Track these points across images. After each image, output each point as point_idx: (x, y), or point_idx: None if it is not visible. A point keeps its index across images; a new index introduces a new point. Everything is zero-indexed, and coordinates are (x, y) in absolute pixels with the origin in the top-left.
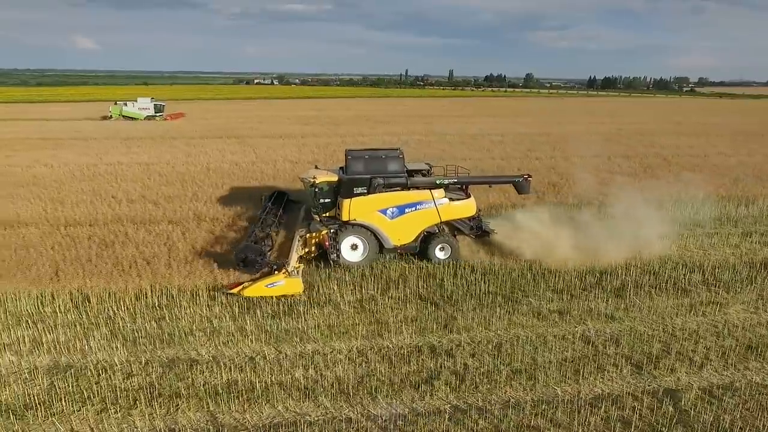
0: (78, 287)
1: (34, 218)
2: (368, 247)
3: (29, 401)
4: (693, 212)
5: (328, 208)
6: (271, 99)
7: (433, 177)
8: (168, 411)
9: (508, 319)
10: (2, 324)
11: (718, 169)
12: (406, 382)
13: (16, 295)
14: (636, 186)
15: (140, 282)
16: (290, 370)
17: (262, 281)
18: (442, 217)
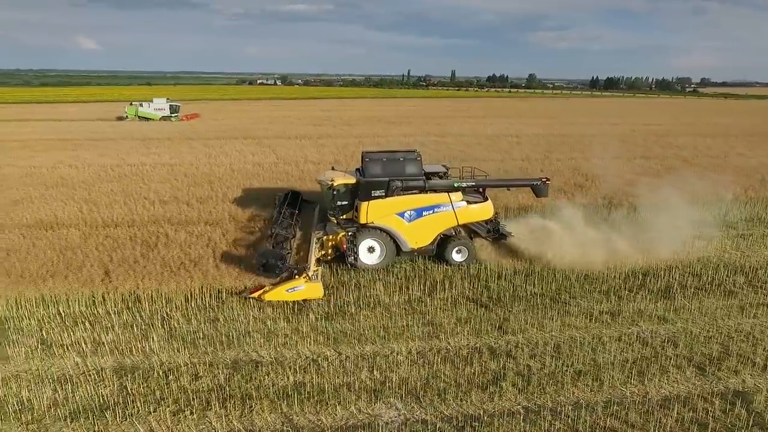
0: (130, 288)
1: (72, 219)
2: (385, 250)
3: (104, 402)
4: (723, 213)
5: (345, 210)
6: (276, 99)
7: (451, 180)
8: (242, 413)
9: (560, 321)
10: (60, 325)
11: (741, 169)
12: (472, 383)
13: (69, 296)
14: (662, 187)
15: (191, 283)
16: (354, 371)
17: (283, 286)
18: (459, 220)
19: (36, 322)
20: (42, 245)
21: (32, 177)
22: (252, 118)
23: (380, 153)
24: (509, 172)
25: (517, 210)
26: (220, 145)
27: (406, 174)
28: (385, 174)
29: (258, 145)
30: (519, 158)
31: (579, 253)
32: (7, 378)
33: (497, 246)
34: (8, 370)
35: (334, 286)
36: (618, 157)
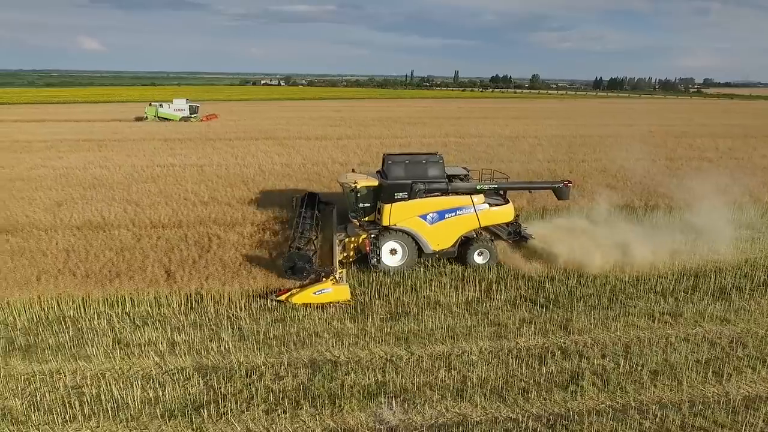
0: (195, 288)
1: (119, 220)
2: (407, 252)
3: (195, 401)
4: (760, 214)
5: (367, 212)
6: (284, 100)
7: (473, 183)
8: (332, 411)
9: (623, 321)
10: (130, 325)
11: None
12: (551, 382)
13: (133, 296)
14: (695, 188)
15: (253, 283)
16: (431, 371)
17: (310, 288)
18: (481, 222)
19: (106, 322)
20: (98, 246)
21: (67, 178)
22: (266, 119)
23: (402, 155)
24: (537, 173)
25: (555, 210)
26: (243, 146)
27: (428, 176)
28: (408, 176)
29: (281, 146)
30: (544, 160)
31: (622, 254)
32: (94, 377)
33: (517, 247)
34: (92, 369)
35: (376, 287)
36: (642, 158)
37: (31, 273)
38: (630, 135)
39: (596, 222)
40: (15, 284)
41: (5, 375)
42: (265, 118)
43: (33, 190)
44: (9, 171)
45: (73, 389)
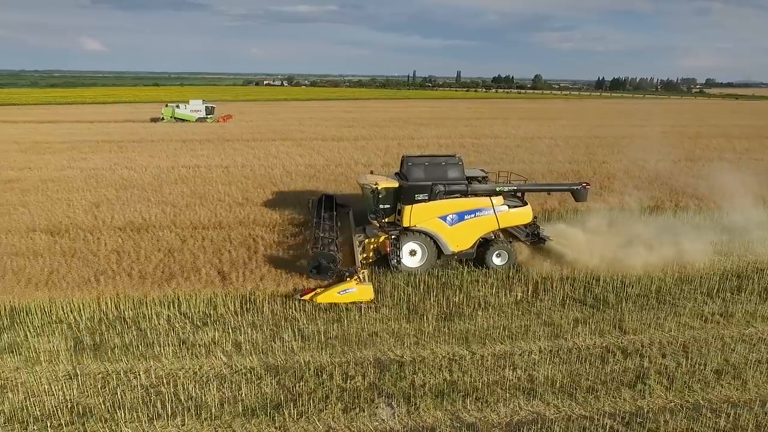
0: (251, 289)
1: (160, 221)
2: (427, 253)
3: (272, 399)
4: None
5: (387, 213)
6: (291, 101)
7: (493, 184)
8: (408, 410)
9: (676, 321)
10: (191, 325)
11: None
12: (617, 381)
13: (189, 297)
14: (721, 188)
15: (306, 284)
16: (495, 370)
17: (335, 288)
18: (500, 224)
19: (165, 322)
20: (147, 247)
21: (96, 179)
22: (278, 120)
23: (422, 157)
24: (562, 174)
25: (586, 210)
26: (262, 147)
27: (448, 178)
28: (428, 178)
29: (300, 147)
30: (564, 161)
31: (671, 254)
32: (167, 376)
33: (537, 250)
34: (164, 369)
35: (424, 288)
36: (662, 159)
37: (87, 273)
38: (644, 136)
39: (630, 223)
40: (74, 284)
41: (81, 374)
42: (278, 119)
43: (67, 192)
44: (39, 172)
45: (150, 388)
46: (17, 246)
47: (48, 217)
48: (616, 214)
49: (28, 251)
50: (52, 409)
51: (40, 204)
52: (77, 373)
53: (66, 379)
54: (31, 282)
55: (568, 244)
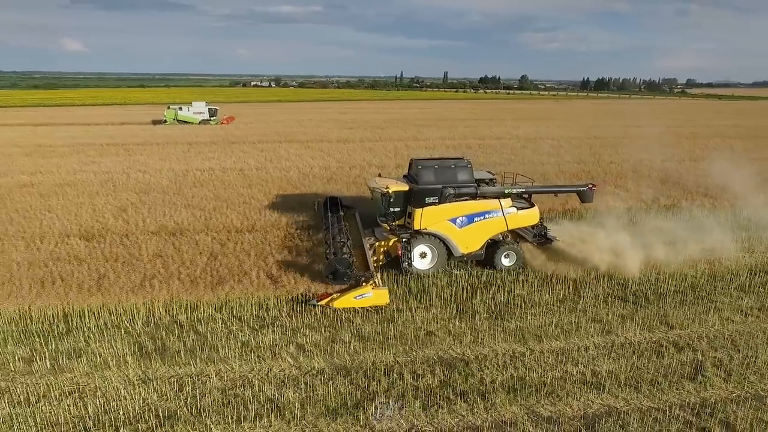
0: (303, 291)
1: (193, 225)
2: (437, 255)
3: (351, 399)
4: None
5: (398, 216)
6: (284, 102)
7: (501, 187)
8: (485, 406)
9: (717, 316)
10: (249, 328)
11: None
12: (676, 373)
13: (240, 300)
14: (733, 187)
15: (321, 289)
16: (557, 365)
17: (351, 293)
18: (509, 225)
19: (221, 325)
20: (188, 251)
21: (113, 183)
22: (278, 121)
23: (431, 160)
24: (574, 174)
25: (606, 210)
26: (271, 149)
27: (458, 181)
28: (438, 181)
29: (308, 149)
30: (572, 161)
31: (697, 251)
32: (239, 378)
33: (544, 250)
34: (235, 372)
35: (468, 287)
36: (667, 160)
37: (136, 278)
38: (642, 136)
39: (653, 221)
40: (126, 289)
41: (154, 378)
42: (276, 121)
43: (87, 196)
44: (52, 176)
45: (226, 390)
46: (57, 252)
47: (78, 222)
48: (637, 213)
49: (70, 257)
50: (137, 413)
51: (66, 209)
52: (149, 378)
53: (141, 384)
54: (83, 287)
55: (597, 244)
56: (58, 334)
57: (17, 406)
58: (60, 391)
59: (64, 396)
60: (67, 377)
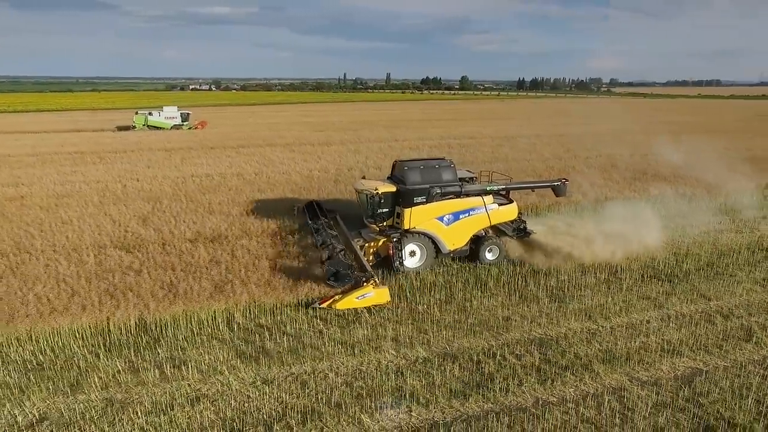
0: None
1: (232, 231)
2: (426, 253)
3: (469, 381)
4: None
5: (386, 217)
6: (235, 105)
7: (484, 184)
8: (590, 376)
9: (741, 287)
10: (334, 326)
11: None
12: (734, 337)
13: (306, 301)
14: (714, 177)
15: (415, 280)
16: (632, 337)
17: (353, 294)
18: (492, 221)
19: (307, 325)
20: (242, 256)
21: (112, 193)
22: (245, 125)
23: (416, 161)
24: (561, 170)
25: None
26: (258, 154)
27: (443, 180)
28: (425, 181)
29: (297, 153)
30: (551, 157)
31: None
32: (357, 372)
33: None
34: (349, 366)
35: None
36: (634, 153)
37: (207, 285)
38: (599, 133)
39: (652, 209)
40: (205, 296)
41: (273, 378)
42: (243, 125)
43: (95, 207)
44: (40, 188)
45: (349, 384)
46: (106, 263)
47: (105, 233)
48: (635, 203)
49: (122, 267)
50: (278, 411)
51: (83, 220)
52: (269, 379)
53: (264, 384)
54: (157, 297)
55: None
56: (148, 344)
57: (151, 414)
58: (185, 398)
59: (194, 402)
60: (183, 384)
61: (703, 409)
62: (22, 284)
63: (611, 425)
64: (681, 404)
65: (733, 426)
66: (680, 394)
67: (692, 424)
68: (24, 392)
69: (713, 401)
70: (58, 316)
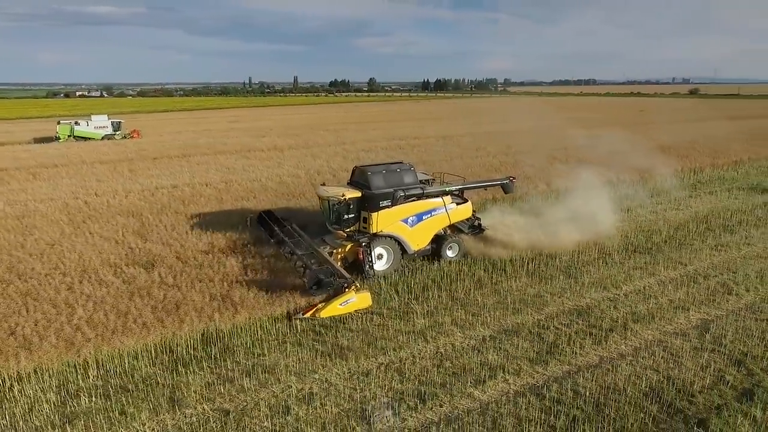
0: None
1: (233, 239)
2: (393, 255)
3: (537, 349)
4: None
5: (352, 223)
6: (143, 113)
7: (442, 186)
8: (632, 334)
9: (704, 253)
10: (392, 319)
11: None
12: (723, 290)
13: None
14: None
15: (437, 273)
16: (647, 300)
17: (336, 301)
18: (451, 220)
19: (367, 322)
20: (278, 264)
21: (79, 209)
22: (176, 132)
23: (378, 166)
24: (516, 164)
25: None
26: (213, 162)
27: (405, 183)
28: (388, 185)
29: (252, 159)
30: (497, 153)
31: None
32: (438, 355)
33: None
34: (428, 351)
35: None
36: (567, 147)
37: (256, 291)
38: (525, 131)
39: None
40: (263, 303)
41: (371, 368)
42: (172, 132)
43: (68, 225)
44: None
45: (440, 364)
46: (137, 282)
47: (107, 252)
48: (589, 190)
49: (155, 284)
50: (396, 397)
51: (70, 240)
52: (364, 371)
53: (363, 377)
54: (218, 308)
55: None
56: (222, 355)
57: (274, 417)
58: (296, 398)
59: (308, 400)
60: (285, 386)
61: (728, 348)
62: (53, 309)
63: (669, 369)
64: (711, 347)
65: (757, 358)
66: (706, 339)
67: (728, 360)
68: (125, 415)
69: (732, 341)
70: (121, 336)
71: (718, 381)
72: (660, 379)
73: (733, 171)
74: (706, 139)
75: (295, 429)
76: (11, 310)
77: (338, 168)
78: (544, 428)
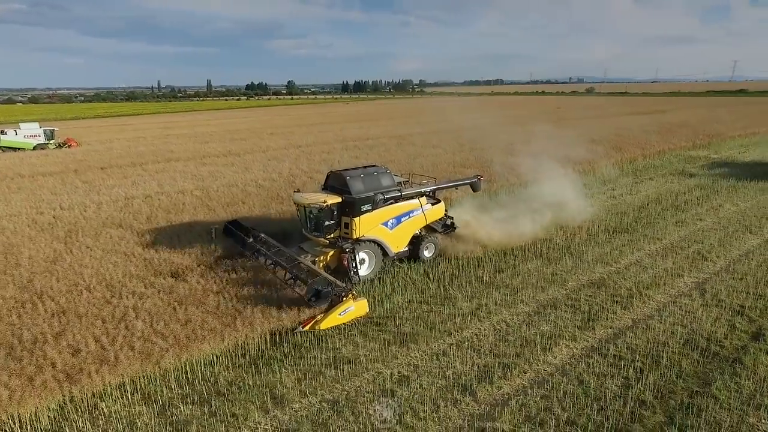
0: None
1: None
2: (375, 259)
3: (582, 317)
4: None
5: (333, 229)
6: (48, 120)
7: (418, 188)
8: (645, 302)
9: (673, 228)
10: (437, 305)
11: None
12: (697, 258)
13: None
14: (593, 158)
15: (486, 271)
16: (648, 269)
17: (335, 311)
18: (427, 220)
19: (411, 310)
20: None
21: (48, 224)
22: (109, 141)
23: (354, 170)
24: (478, 160)
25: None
26: (172, 169)
27: (383, 187)
28: (368, 189)
29: (214, 165)
30: (457, 151)
31: (607, 197)
32: (495, 331)
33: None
34: (485, 329)
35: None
36: (518, 141)
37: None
38: (473, 127)
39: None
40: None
41: (447, 350)
42: (105, 141)
43: (59, 242)
44: None
45: (501, 339)
46: (176, 293)
47: (122, 264)
48: (551, 180)
49: (201, 292)
50: (474, 370)
51: (71, 255)
52: (441, 352)
53: (444, 357)
54: (285, 309)
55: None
56: (296, 352)
57: (387, 396)
58: (394, 380)
59: (406, 381)
60: (376, 373)
61: (726, 303)
62: (107, 324)
63: (691, 323)
64: (713, 303)
65: (751, 308)
66: (706, 298)
67: (731, 312)
68: (236, 417)
69: (727, 297)
70: (200, 344)
71: (732, 329)
72: (688, 331)
73: (659, 160)
74: (627, 132)
75: (410, 407)
76: (60, 329)
77: (310, 170)
78: (619, 380)
